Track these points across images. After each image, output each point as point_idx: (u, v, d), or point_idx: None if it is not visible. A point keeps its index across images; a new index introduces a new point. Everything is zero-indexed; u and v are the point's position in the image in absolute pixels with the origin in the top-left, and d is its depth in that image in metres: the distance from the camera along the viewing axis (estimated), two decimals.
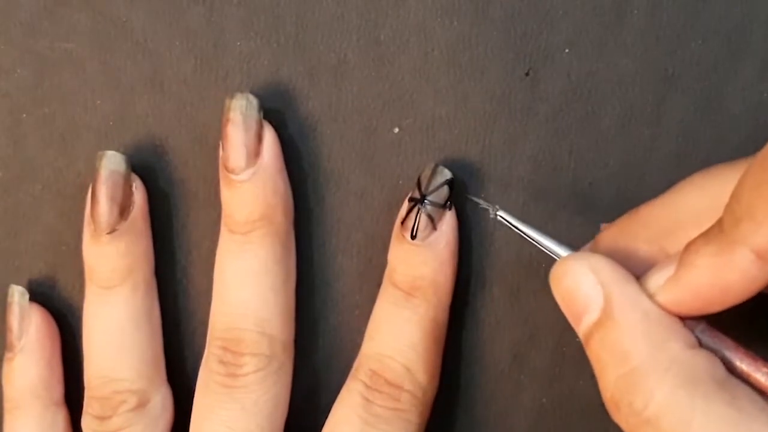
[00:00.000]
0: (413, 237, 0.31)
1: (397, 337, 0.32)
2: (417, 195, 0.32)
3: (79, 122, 0.34)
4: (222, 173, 0.32)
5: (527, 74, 0.33)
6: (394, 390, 0.31)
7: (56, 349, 0.34)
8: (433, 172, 0.32)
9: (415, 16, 0.33)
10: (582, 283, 0.26)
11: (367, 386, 0.31)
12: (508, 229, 0.31)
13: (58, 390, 0.33)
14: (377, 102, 0.33)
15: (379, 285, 0.34)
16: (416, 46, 0.33)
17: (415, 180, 0.32)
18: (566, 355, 0.34)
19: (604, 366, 0.26)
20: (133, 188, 0.32)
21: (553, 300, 0.33)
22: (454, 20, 0.33)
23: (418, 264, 0.32)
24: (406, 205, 0.32)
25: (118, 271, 0.32)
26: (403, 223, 0.32)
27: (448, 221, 0.32)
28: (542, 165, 0.33)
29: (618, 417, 0.26)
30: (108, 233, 0.32)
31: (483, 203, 0.32)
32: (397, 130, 0.34)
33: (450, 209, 0.32)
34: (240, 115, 0.31)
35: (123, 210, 0.32)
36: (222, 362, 0.31)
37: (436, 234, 0.32)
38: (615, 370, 0.25)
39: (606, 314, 0.26)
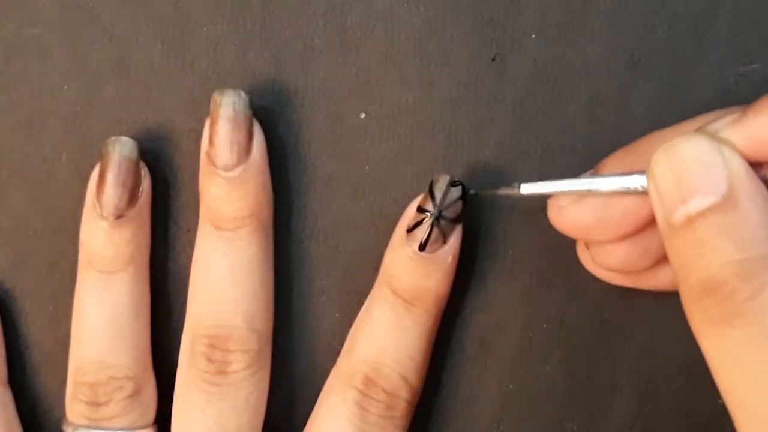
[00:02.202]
0: (422, 249, 0.31)
1: (397, 347, 0.32)
2: (428, 206, 0.31)
3: (46, 108, 0.34)
4: (208, 168, 0.31)
5: (494, 60, 0.33)
6: (390, 399, 0.31)
7: (0, 331, 0.34)
8: (448, 186, 0.31)
9: (381, 2, 0.33)
10: (708, 163, 0.26)
11: (362, 394, 0.31)
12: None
13: (2, 371, 0.33)
14: (343, 87, 0.33)
15: (345, 271, 0.34)
16: (383, 32, 0.33)
17: (427, 188, 0.32)
18: (533, 341, 0.34)
19: (713, 249, 0.25)
20: (142, 175, 0.32)
21: (519, 285, 0.33)
22: (421, 6, 0.33)
23: (422, 275, 0.31)
24: (413, 213, 0.32)
25: (121, 257, 0.32)
26: (410, 231, 0.31)
27: (456, 234, 0.32)
28: (509, 151, 0.33)
29: (704, 302, 0.25)
30: (116, 218, 0.31)
31: (502, 190, 0.31)
32: (363, 115, 0.34)
33: (460, 223, 0.32)
34: (233, 112, 0.31)
35: (132, 196, 0.32)
36: (210, 360, 0.31)
37: (445, 248, 0.31)
38: (727, 255, 0.25)
39: (730, 200, 0.25)
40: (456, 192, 0.31)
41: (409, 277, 0.31)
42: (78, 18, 0.34)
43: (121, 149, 0.32)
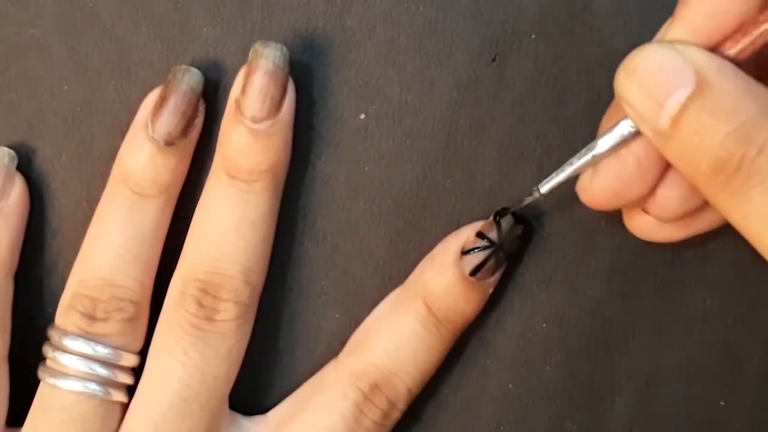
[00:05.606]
0: (472, 274, 0.31)
1: (415, 361, 0.32)
2: (492, 234, 0.32)
3: (46, 108, 0.34)
4: (235, 117, 0.31)
5: (494, 60, 0.33)
6: (390, 408, 0.32)
7: (24, 227, 0.33)
8: (515, 223, 0.32)
9: (381, 2, 0.33)
10: (667, 62, 0.26)
11: (365, 398, 0.31)
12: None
13: (15, 264, 0.33)
14: (343, 88, 0.33)
15: (345, 271, 0.34)
16: (382, 32, 0.33)
17: (492, 216, 0.32)
18: (532, 341, 0.34)
19: (706, 132, 0.25)
20: (199, 110, 0.32)
21: (519, 285, 0.33)
22: (420, 6, 0.33)
23: (463, 300, 0.32)
24: (470, 236, 0.32)
25: (158, 184, 0.32)
26: (464, 253, 0.32)
27: (502, 269, 0.32)
28: (509, 151, 0.33)
29: (720, 180, 0.25)
30: (165, 144, 0.31)
31: (526, 200, 0.31)
32: (363, 116, 0.34)
33: (510, 260, 0.32)
34: (272, 65, 0.31)
35: (186, 127, 0.32)
36: (201, 305, 0.31)
37: (490, 279, 0.32)
38: (722, 129, 0.25)
39: (703, 84, 0.26)
40: (520, 230, 0.32)
41: (451, 298, 0.32)
42: (78, 18, 0.34)
43: (188, 79, 0.32)
